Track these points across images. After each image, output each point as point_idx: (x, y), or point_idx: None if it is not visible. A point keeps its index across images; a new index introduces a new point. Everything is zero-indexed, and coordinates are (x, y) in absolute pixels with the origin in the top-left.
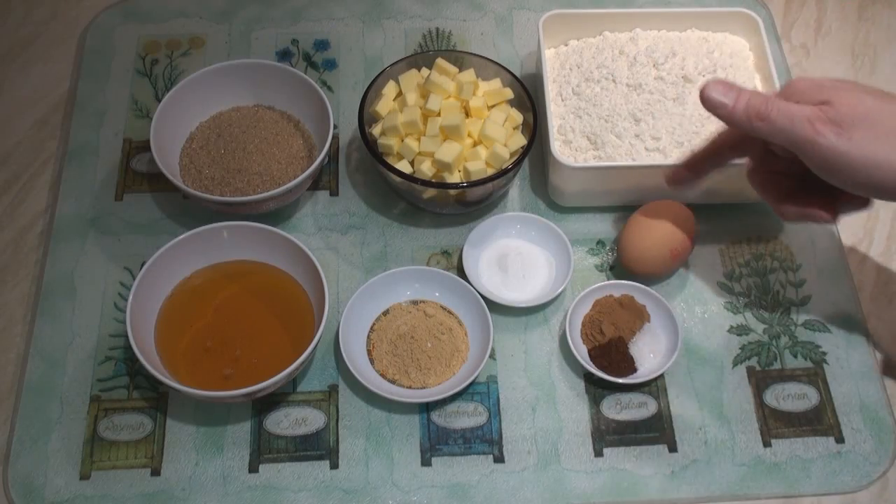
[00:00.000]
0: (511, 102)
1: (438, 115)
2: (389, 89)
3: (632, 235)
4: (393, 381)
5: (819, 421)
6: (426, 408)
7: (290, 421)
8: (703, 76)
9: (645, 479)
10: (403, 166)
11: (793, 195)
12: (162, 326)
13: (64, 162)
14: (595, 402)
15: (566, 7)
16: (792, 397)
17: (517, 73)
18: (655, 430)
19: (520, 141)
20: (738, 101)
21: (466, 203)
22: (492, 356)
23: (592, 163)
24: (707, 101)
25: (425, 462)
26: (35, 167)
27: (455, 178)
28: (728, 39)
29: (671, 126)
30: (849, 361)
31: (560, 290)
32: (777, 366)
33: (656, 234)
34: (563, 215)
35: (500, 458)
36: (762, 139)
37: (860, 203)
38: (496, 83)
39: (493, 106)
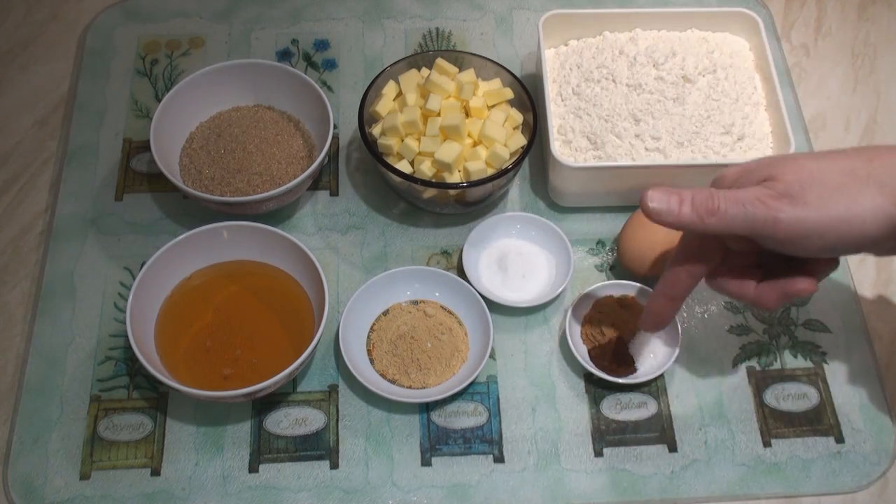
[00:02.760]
0: (511, 102)
1: (438, 115)
2: (389, 89)
3: (632, 235)
4: (393, 381)
5: (819, 421)
6: (426, 408)
7: (290, 421)
8: (703, 76)
9: (645, 479)
10: (403, 166)
11: (766, 284)
12: (162, 326)
13: (64, 162)
14: (595, 402)
15: (566, 7)
16: (792, 397)
17: (517, 73)
18: (655, 430)
19: (520, 141)
20: (683, 204)
21: (466, 203)
22: (492, 356)
23: (592, 163)
24: (651, 213)
25: (425, 462)
26: (35, 167)
27: (455, 178)
28: (728, 39)
29: (671, 126)
30: (849, 361)
31: (560, 290)
32: (777, 366)
33: (656, 235)
34: (563, 215)
35: (500, 458)
36: (718, 240)
37: (831, 265)
38: (496, 83)
39: (493, 106)
